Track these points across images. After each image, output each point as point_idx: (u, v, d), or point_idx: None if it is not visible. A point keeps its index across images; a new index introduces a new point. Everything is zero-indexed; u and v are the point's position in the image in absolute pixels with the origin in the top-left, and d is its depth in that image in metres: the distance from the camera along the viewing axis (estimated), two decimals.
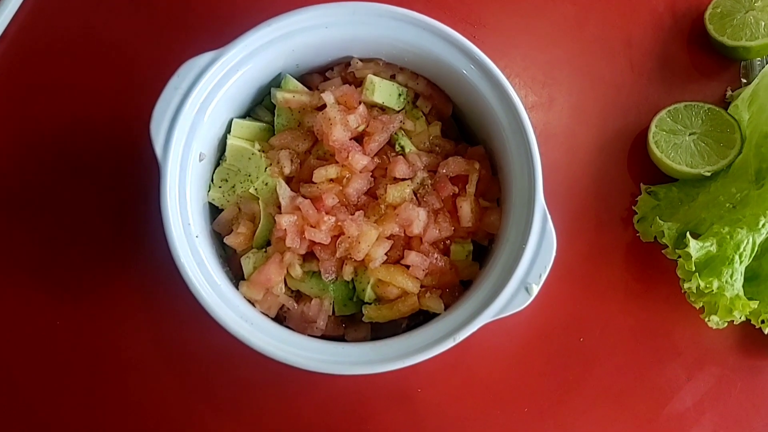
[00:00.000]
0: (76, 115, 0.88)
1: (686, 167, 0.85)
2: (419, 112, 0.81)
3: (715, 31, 0.91)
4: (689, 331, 0.87)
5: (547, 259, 0.71)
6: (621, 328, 0.87)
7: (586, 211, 0.90)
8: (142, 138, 0.72)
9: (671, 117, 0.88)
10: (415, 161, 0.77)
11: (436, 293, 0.76)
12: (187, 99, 0.71)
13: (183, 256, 0.69)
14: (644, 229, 0.87)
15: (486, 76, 0.74)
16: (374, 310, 0.76)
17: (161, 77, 0.71)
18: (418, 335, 0.71)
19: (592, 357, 0.86)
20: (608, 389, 0.86)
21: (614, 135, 0.91)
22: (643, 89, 0.93)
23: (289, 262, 0.74)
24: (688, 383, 0.87)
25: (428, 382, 0.85)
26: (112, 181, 0.87)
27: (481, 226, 0.78)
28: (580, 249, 0.88)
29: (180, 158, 0.72)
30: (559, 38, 0.94)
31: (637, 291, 0.88)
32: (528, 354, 0.86)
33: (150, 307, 0.84)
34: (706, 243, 0.80)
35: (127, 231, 0.86)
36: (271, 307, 0.75)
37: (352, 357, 0.70)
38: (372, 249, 0.74)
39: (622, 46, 0.94)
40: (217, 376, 0.83)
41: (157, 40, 0.90)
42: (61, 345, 0.84)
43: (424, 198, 0.77)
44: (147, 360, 0.84)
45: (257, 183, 0.77)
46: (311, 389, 0.83)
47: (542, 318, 0.86)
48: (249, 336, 0.69)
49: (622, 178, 0.91)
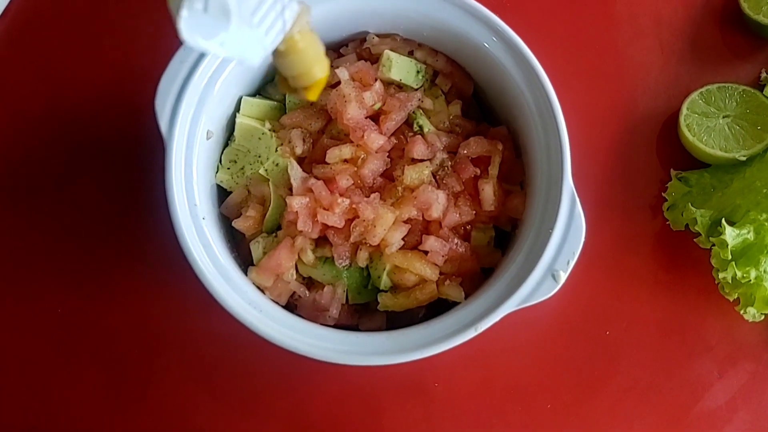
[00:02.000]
0: (80, 92, 0.86)
1: (720, 151, 0.82)
2: (438, 90, 0.78)
3: (749, 9, 0.88)
4: (721, 325, 0.84)
5: (575, 245, 0.68)
6: (649, 321, 0.84)
7: (612, 198, 0.87)
8: (148, 114, 0.69)
9: (704, 99, 0.85)
10: (434, 141, 0.74)
11: (456, 281, 0.73)
12: (195, 73, 0.69)
13: (188, 238, 0.66)
14: (674, 217, 0.84)
15: (510, 50, 0.71)
16: (390, 299, 0.73)
17: (168, 50, 0.68)
18: (437, 325, 0.68)
19: (618, 351, 0.84)
20: (635, 385, 0.83)
21: (643, 118, 0.88)
22: (673, 70, 0.90)
23: (300, 246, 0.71)
24: (720, 380, 0.84)
25: (446, 375, 0.82)
26: (116, 160, 0.85)
27: (504, 210, 0.75)
28: (606, 238, 0.85)
29: (186, 135, 0.69)
30: (585, 17, 0.91)
31: (666, 282, 0.85)
32: (550, 348, 0.84)
33: (154, 293, 0.82)
34: (743, 230, 0.77)
35: (132, 213, 0.84)
36: (281, 295, 0.73)
37: (367, 347, 0.67)
38: (388, 233, 0.71)
39: (651, 26, 0.91)
40: (225, 366, 0.81)
41: (165, 10, 0.85)
42: (61, 332, 0.82)
43: (444, 180, 0.74)
44: (151, 347, 0.82)
45: (267, 164, 0.74)
46: (322, 380, 0.81)
47: (565, 310, 0.84)
48: (258, 323, 0.66)
49: (650, 164, 0.88)
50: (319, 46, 0.55)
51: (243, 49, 0.47)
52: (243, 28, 0.45)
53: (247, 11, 0.45)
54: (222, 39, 0.45)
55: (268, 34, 0.48)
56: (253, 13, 0.46)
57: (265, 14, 0.47)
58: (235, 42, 0.46)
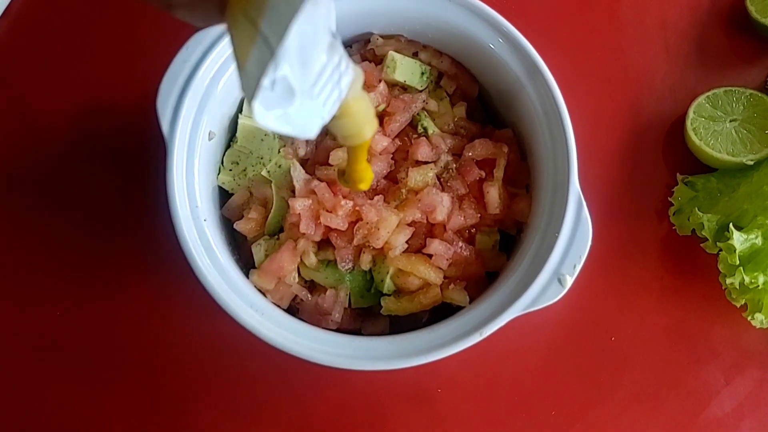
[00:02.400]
0: (81, 92, 0.86)
1: (727, 155, 0.81)
2: (443, 92, 0.77)
3: (756, 12, 0.87)
4: (728, 331, 0.83)
5: (582, 249, 0.67)
6: (655, 327, 0.83)
7: (617, 202, 0.86)
8: (149, 115, 0.68)
9: (710, 103, 0.84)
10: (439, 143, 0.74)
11: (461, 285, 0.72)
12: (197, 73, 0.68)
13: (189, 240, 0.66)
14: (681, 222, 0.83)
15: (516, 51, 0.70)
16: (393, 303, 0.72)
17: (170, 50, 0.68)
18: (441, 329, 0.67)
19: (623, 358, 0.82)
20: (641, 392, 0.82)
21: (648, 122, 0.88)
22: (679, 74, 0.89)
23: (302, 249, 0.71)
24: (727, 387, 0.83)
25: (449, 381, 0.81)
26: (117, 161, 0.84)
27: (509, 213, 0.74)
28: (611, 243, 0.84)
29: (188, 136, 0.68)
30: (591, 20, 0.90)
31: (672, 288, 0.84)
32: (555, 354, 0.82)
33: (155, 295, 0.81)
34: (751, 235, 0.76)
35: (133, 214, 0.83)
36: (283, 298, 0.72)
37: (369, 351, 0.66)
38: (392, 236, 0.70)
39: (657, 29, 0.90)
40: (225, 370, 0.80)
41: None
42: (59, 334, 0.81)
43: (448, 183, 0.73)
44: (150, 351, 0.81)
45: (270, 165, 0.73)
46: (324, 385, 0.80)
47: (570, 316, 0.83)
48: (259, 327, 0.65)
49: (656, 168, 0.87)
50: (370, 108, 0.54)
51: (304, 122, 0.47)
52: (304, 101, 0.45)
53: (308, 84, 0.45)
54: (287, 115, 0.44)
55: (325, 105, 0.48)
56: (313, 86, 0.45)
57: (323, 85, 0.46)
58: (298, 116, 0.45)
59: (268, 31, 0.38)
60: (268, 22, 0.37)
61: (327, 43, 0.45)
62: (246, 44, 0.39)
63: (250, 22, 0.38)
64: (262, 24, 0.38)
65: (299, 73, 0.43)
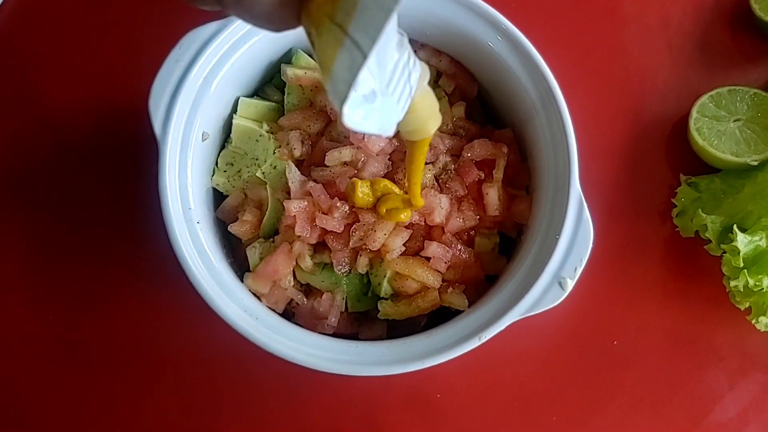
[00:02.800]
0: (72, 92, 0.85)
1: (731, 156, 0.80)
2: (442, 91, 0.76)
3: (761, 10, 0.86)
4: (732, 335, 0.82)
5: (583, 251, 0.66)
6: (657, 330, 0.82)
7: (619, 204, 0.85)
8: (142, 115, 0.68)
9: (714, 102, 0.83)
10: (437, 144, 0.73)
11: (459, 288, 0.71)
12: (190, 72, 0.67)
13: (182, 243, 0.65)
14: (684, 224, 0.82)
15: (516, 50, 0.69)
16: (391, 307, 0.71)
17: (163, 49, 0.67)
18: (440, 334, 0.67)
19: (625, 362, 0.82)
20: (643, 397, 0.81)
21: (651, 121, 0.87)
22: (682, 73, 0.88)
23: (298, 252, 0.70)
24: (731, 391, 0.82)
25: (448, 386, 0.80)
26: (109, 162, 0.83)
27: (509, 215, 0.73)
28: (613, 245, 0.83)
29: (181, 136, 0.68)
30: (592, 18, 0.90)
31: (675, 290, 0.83)
32: (556, 358, 0.82)
33: (148, 299, 0.80)
34: (755, 237, 0.75)
35: (125, 217, 0.82)
36: (278, 302, 0.71)
37: (366, 357, 0.65)
38: (389, 239, 0.69)
39: (659, 27, 0.89)
40: (219, 376, 0.79)
41: (160, 8, 0.86)
42: (52, 340, 0.80)
43: (447, 184, 0.72)
44: (144, 356, 0.80)
45: (265, 167, 0.73)
46: (320, 391, 0.79)
47: (572, 319, 0.82)
48: (254, 332, 0.64)
49: (659, 169, 0.86)
50: (435, 103, 0.55)
51: (384, 120, 0.47)
52: (383, 100, 0.45)
53: (384, 83, 0.45)
54: (369, 115, 0.45)
55: (399, 101, 0.48)
56: (388, 84, 0.46)
57: (396, 83, 0.47)
58: (379, 115, 0.46)
59: (357, 35, 0.37)
60: (357, 26, 0.37)
61: (397, 40, 0.45)
62: (332, 48, 0.38)
63: (337, 26, 0.38)
64: (351, 28, 0.37)
65: (377, 73, 0.43)
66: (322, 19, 0.39)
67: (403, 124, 0.54)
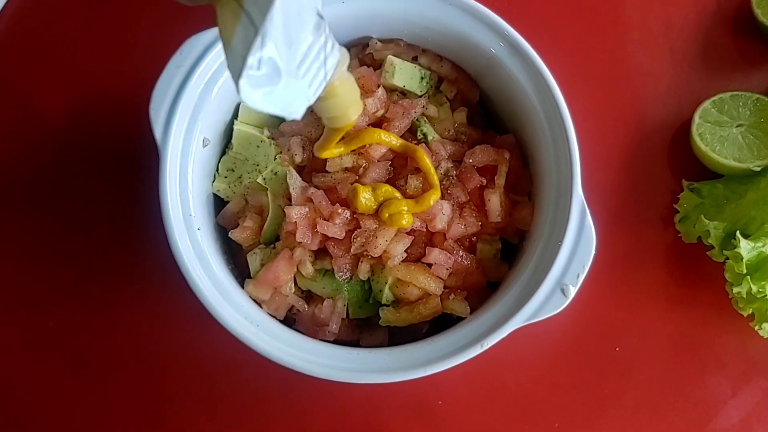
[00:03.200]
0: (74, 98, 0.85)
1: (734, 161, 0.80)
2: (443, 97, 0.76)
3: (763, 15, 0.86)
4: (735, 341, 0.82)
5: (585, 258, 0.65)
6: (660, 336, 0.82)
7: (622, 209, 0.85)
8: (143, 121, 0.67)
9: (716, 108, 0.83)
10: (439, 150, 0.72)
11: (461, 295, 0.71)
12: (190, 78, 0.67)
13: (183, 250, 0.64)
14: (686, 229, 0.82)
15: (518, 55, 0.69)
16: (392, 313, 0.71)
17: (164, 55, 0.67)
18: (442, 341, 0.66)
19: (628, 368, 0.81)
20: (646, 403, 0.81)
21: (654, 127, 0.86)
22: (685, 78, 0.88)
23: (299, 258, 0.69)
24: (734, 398, 0.81)
25: (450, 393, 0.80)
26: (110, 168, 0.83)
27: (511, 221, 0.73)
28: (616, 251, 0.83)
29: (181, 143, 0.67)
30: (595, 23, 0.89)
31: (677, 296, 0.83)
32: (558, 364, 0.81)
33: (149, 306, 0.80)
34: (758, 243, 0.75)
35: (126, 223, 0.82)
36: (279, 309, 0.71)
37: (368, 364, 0.65)
38: (390, 245, 0.69)
39: (662, 32, 0.89)
40: (220, 383, 0.79)
41: (161, 14, 0.86)
42: (52, 346, 0.80)
43: (449, 190, 0.72)
44: (143, 362, 0.80)
45: (266, 172, 0.72)
46: (322, 398, 0.79)
47: (574, 325, 0.82)
48: (254, 339, 0.64)
49: (661, 174, 0.86)
50: (355, 90, 0.56)
51: (290, 103, 0.47)
52: (290, 81, 0.45)
53: (293, 65, 0.45)
54: (272, 95, 0.45)
55: (311, 85, 0.48)
56: (299, 66, 0.46)
57: (309, 66, 0.47)
58: (283, 96, 0.46)
59: (251, 9, 0.38)
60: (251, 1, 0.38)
61: (313, 23, 0.45)
62: (231, 23, 0.39)
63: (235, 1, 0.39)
64: (246, 2, 0.38)
65: (285, 53, 0.43)
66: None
67: (323, 109, 0.54)
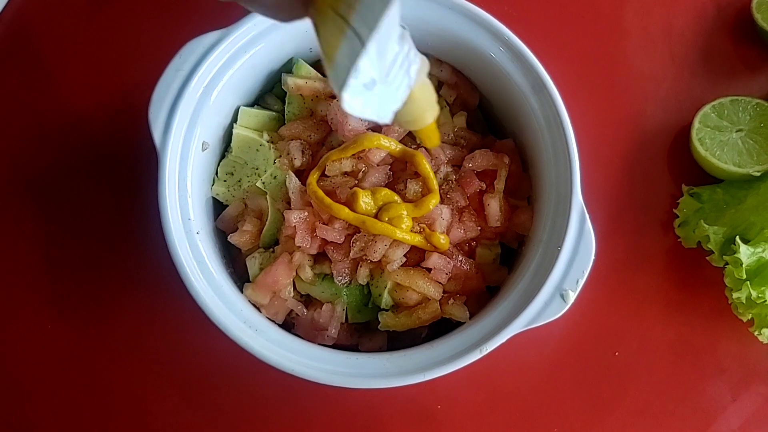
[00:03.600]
0: (73, 101, 0.84)
1: (733, 166, 0.80)
2: (443, 101, 0.76)
3: (763, 20, 0.86)
4: (735, 347, 0.82)
5: (585, 263, 0.65)
6: (660, 341, 0.82)
7: (621, 214, 0.84)
8: (142, 125, 0.67)
9: (716, 112, 0.83)
10: (438, 154, 0.72)
11: (461, 300, 0.70)
12: (190, 82, 0.67)
13: (181, 253, 0.64)
14: (686, 234, 0.81)
15: (517, 60, 0.69)
16: (391, 318, 0.70)
17: (163, 58, 0.67)
18: (441, 346, 0.66)
19: (628, 373, 0.81)
20: (646, 409, 0.80)
21: (653, 131, 0.86)
22: (685, 83, 0.88)
23: (298, 263, 0.69)
24: (734, 403, 0.81)
25: (449, 397, 0.79)
26: (108, 172, 0.83)
27: (511, 226, 0.73)
28: (615, 255, 0.83)
29: (180, 146, 0.67)
30: (595, 28, 0.89)
31: (677, 302, 0.83)
32: (558, 369, 0.81)
33: (147, 310, 0.80)
34: (758, 248, 0.74)
35: (124, 227, 0.81)
36: (278, 313, 0.71)
37: (367, 369, 0.65)
38: (390, 249, 0.68)
39: (662, 37, 0.89)
40: (218, 387, 0.78)
41: (160, 18, 0.86)
42: (51, 350, 0.80)
43: (448, 195, 0.71)
44: (143, 367, 0.79)
45: (265, 176, 0.72)
46: (321, 403, 0.78)
47: (573, 330, 0.81)
48: (253, 343, 0.64)
49: (661, 179, 0.85)
50: (432, 94, 0.58)
51: (382, 108, 0.50)
52: (382, 88, 0.48)
53: (383, 73, 0.48)
54: (368, 102, 0.47)
55: (398, 91, 0.51)
56: (387, 74, 0.48)
57: (396, 74, 0.49)
58: (377, 102, 0.48)
59: (358, 25, 0.40)
60: (358, 16, 0.40)
61: (399, 33, 0.47)
62: (335, 37, 0.41)
63: (340, 16, 0.40)
64: (353, 18, 0.40)
65: (378, 63, 0.45)
66: (326, 10, 0.41)
67: (402, 113, 0.56)
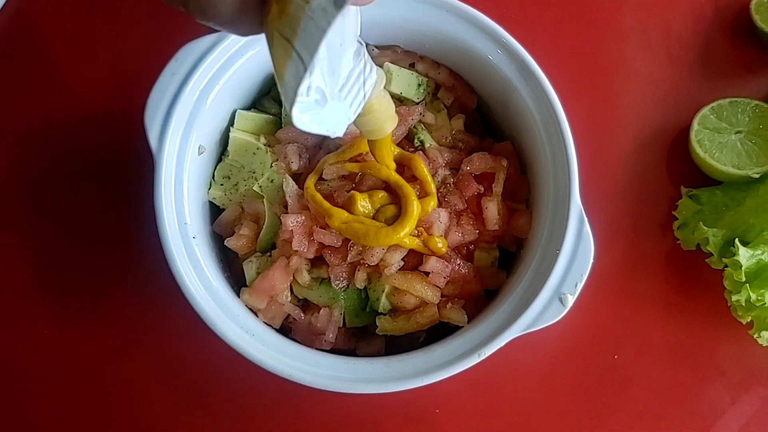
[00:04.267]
0: (69, 105, 0.84)
1: (732, 168, 0.80)
2: (440, 104, 0.76)
3: (762, 21, 0.86)
4: (734, 349, 0.82)
5: (583, 267, 0.65)
6: (659, 344, 0.81)
7: (620, 216, 0.84)
8: (138, 129, 0.67)
9: (715, 114, 0.82)
10: (436, 157, 0.72)
11: (459, 304, 0.70)
12: (186, 85, 0.67)
13: (178, 258, 0.64)
14: (685, 237, 0.81)
15: (515, 62, 0.69)
16: (389, 322, 0.70)
17: (159, 62, 0.67)
18: (439, 350, 0.66)
19: (627, 376, 0.81)
20: (645, 412, 0.80)
21: (652, 134, 0.86)
22: (684, 84, 0.87)
23: (295, 267, 0.69)
24: (733, 406, 0.81)
25: (447, 402, 0.79)
26: (104, 176, 0.83)
27: (509, 229, 0.73)
28: (614, 258, 0.83)
29: (177, 150, 0.67)
30: (593, 30, 0.89)
31: (676, 304, 0.82)
32: (557, 373, 0.81)
33: (143, 314, 0.79)
34: (757, 251, 0.74)
35: (121, 231, 0.81)
36: (275, 317, 0.70)
37: (365, 374, 0.65)
38: (387, 253, 0.68)
39: (660, 38, 0.89)
40: (216, 393, 0.78)
41: (156, 21, 0.86)
42: (47, 355, 0.79)
43: (446, 198, 0.71)
44: (139, 372, 0.79)
45: (262, 180, 0.72)
46: (318, 409, 0.78)
47: (573, 334, 0.81)
48: (250, 349, 0.63)
49: (660, 181, 0.85)
50: (391, 106, 0.61)
51: (333, 123, 0.52)
52: (334, 103, 0.49)
53: (336, 89, 0.49)
54: (318, 117, 0.49)
55: (351, 105, 0.53)
56: (341, 89, 0.50)
57: (350, 89, 0.51)
58: (328, 117, 0.50)
59: (301, 50, 0.42)
60: (300, 42, 0.42)
61: (354, 50, 0.49)
62: (283, 58, 0.43)
63: (286, 40, 0.42)
64: (296, 43, 0.42)
65: (329, 80, 0.47)
66: (273, 33, 0.43)
67: (361, 124, 0.59)
